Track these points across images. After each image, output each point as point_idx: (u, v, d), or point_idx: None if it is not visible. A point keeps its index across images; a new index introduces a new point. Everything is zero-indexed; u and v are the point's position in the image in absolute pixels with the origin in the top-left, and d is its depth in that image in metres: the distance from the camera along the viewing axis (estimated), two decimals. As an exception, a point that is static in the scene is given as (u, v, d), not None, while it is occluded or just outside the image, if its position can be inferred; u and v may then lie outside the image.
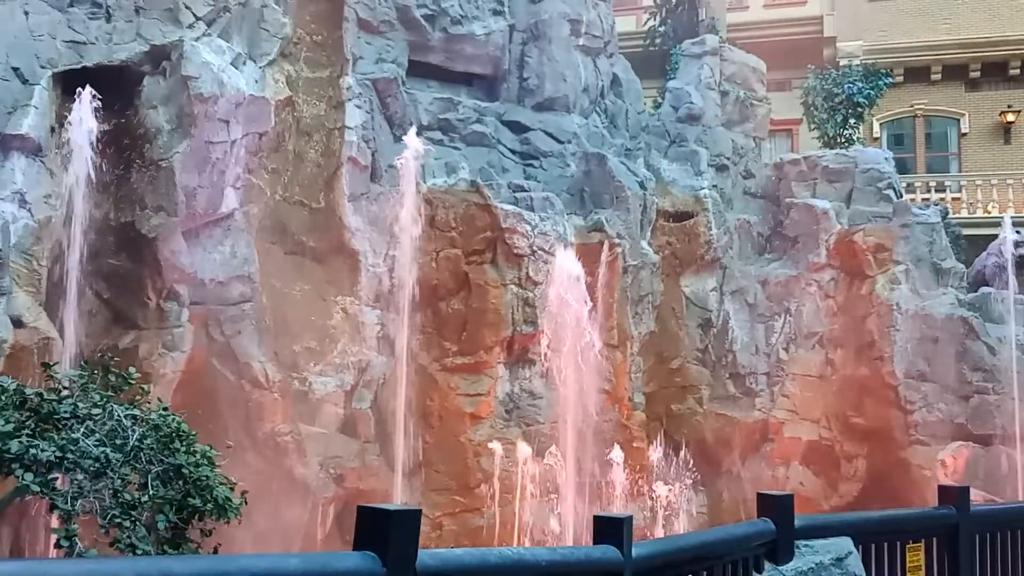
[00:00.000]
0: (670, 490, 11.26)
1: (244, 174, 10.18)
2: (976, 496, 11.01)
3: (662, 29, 17.57)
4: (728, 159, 15.30)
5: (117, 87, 9.34)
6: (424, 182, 11.69)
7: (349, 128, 11.07)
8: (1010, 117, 21.39)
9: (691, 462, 12.53)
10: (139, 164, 9.36)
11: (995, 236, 15.59)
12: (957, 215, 18.85)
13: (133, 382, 5.99)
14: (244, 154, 10.12)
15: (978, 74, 21.64)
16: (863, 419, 13.64)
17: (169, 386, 9.03)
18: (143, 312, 9.30)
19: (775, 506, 5.35)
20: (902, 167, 20.08)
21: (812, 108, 17.76)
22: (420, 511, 3.15)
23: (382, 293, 11.02)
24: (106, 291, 9.27)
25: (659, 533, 10.88)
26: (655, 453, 11.91)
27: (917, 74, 21.46)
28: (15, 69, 8.94)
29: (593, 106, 14.11)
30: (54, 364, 6.05)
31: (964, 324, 13.79)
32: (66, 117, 8.90)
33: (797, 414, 13.81)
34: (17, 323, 8.30)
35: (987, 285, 15.04)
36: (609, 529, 4.05)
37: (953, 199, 19.60)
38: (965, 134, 21.66)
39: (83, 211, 8.77)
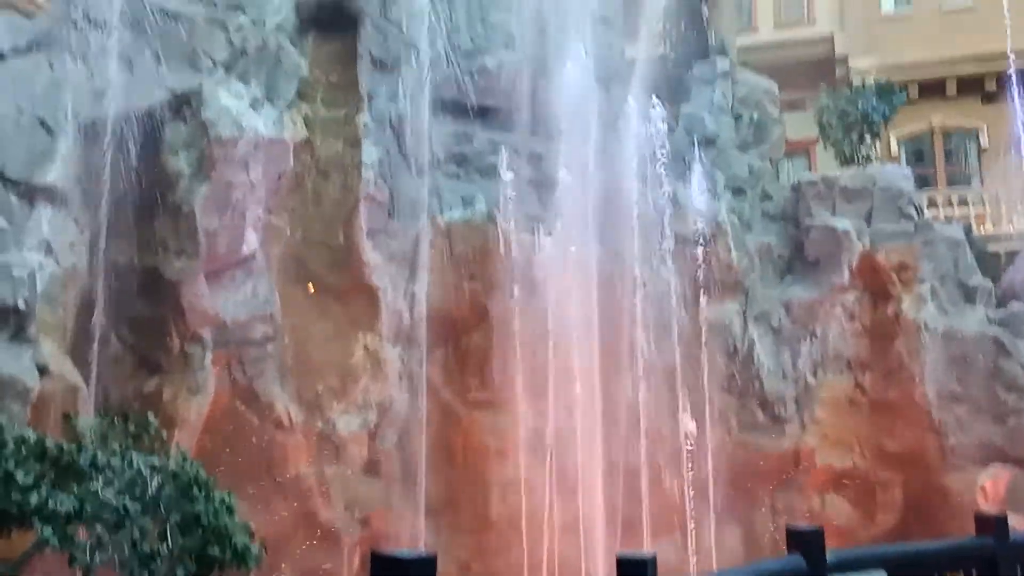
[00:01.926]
0: (701, 524, 11.08)
1: (264, 215, 10.27)
2: (1020, 522, 10.73)
3: (673, 55, 17.63)
4: (745, 182, 15.23)
5: (140, 134, 9.47)
6: (441, 215, 11.73)
7: (366, 165, 11.15)
8: (1030, 124, 21.17)
9: (722, 494, 12.33)
10: (161, 209, 9.46)
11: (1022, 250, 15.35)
12: (982, 230, 18.62)
13: (152, 430, 6.01)
14: (264, 195, 10.22)
15: (994, 87, 21.49)
16: (897, 444, 13.36)
17: (194, 431, 9.05)
18: (167, 356, 9.34)
19: (805, 540, 5.24)
20: (923, 182, 19.91)
21: (827, 127, 17.64)
22: (435, 558, 3.09)
23: (403, 329, 11.02)
24: (130, 337, 9.33)
25: (691, 570, 10.70)
26: (685, 486, 11.74)
27: (932, 89, 21.35)
28: (40, 120, 9.09)
29: (607, 133, 14.11)
30: (75, 414, 6.09)
31: (995, 342, 13.54)
32: (91, 166, 9.02)
33: (828, 441, 13.52)
34: (43, 371, 8.34)
35: (1017, 301, 14.78)
36: (634, 570, 3.96)
37: (976, 214, 19.38)
38: (985, 148, 21.49)
39: (107, 258, 8.87)
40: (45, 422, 7.87)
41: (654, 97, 13.88)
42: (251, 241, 9.99)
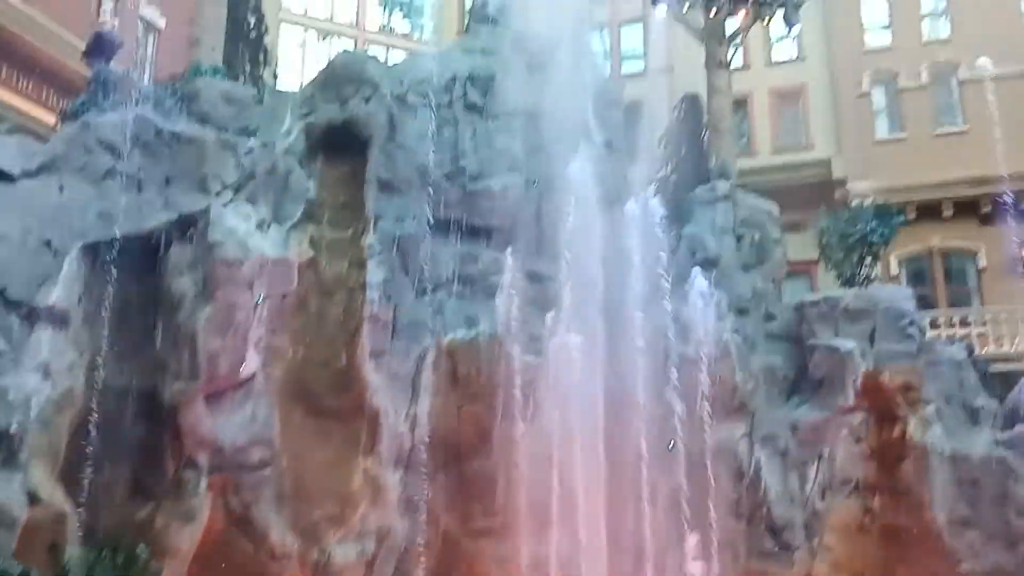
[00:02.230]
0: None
1: (266, 335, 10.19)
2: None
3: (675, 177, 18.00)
4: (748, 302, 15.22)
5: (144, 255, 9.48)
6: (445, 336, 11.65)
7: (370, 285, 11.14)
8: (1025, 252, 21.36)
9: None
10: (163, 330, 9.38)
11: (1026, 371, 15.27)
12: (984, 351, 18.57)
13: (141, 562, 5.78)
14: (267, 316, 10.17)
15: (990, 209, 21.77)
16: (909, 571, 12.91)
17: (185, 560, 8.72)
18: (160, 482, 9.09)
19: None
20: (924, 303, 19.98)
21: (828, 249, 17.82)
22: None
23: (403, 453, 10.77)
24: (124, 462, 9.10)
25: None
26: (694, 620, 11.28)
27: (930, 211, 21.66)
28: (47, 242, 9.11)
29: (610, 254, 14.18)
30: (64, 543, 5.87)
31: (1003, 466, 13.28)
32: (93, 287, 8.99)
33: (839, 569, 13.08)
34: (32, 498, 8.09)
35: (1023, 423, 14.59)
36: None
37: (978, 335, 19.37)
38: (983, 269, 21.63)
39: (105, 380, 8.73)
40: (33, 550, 7.59)
41: (658, 218, 14.02)
42: (252, 362, 9.88)
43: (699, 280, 14.48)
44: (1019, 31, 22.11)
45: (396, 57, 20.39)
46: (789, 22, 18.11)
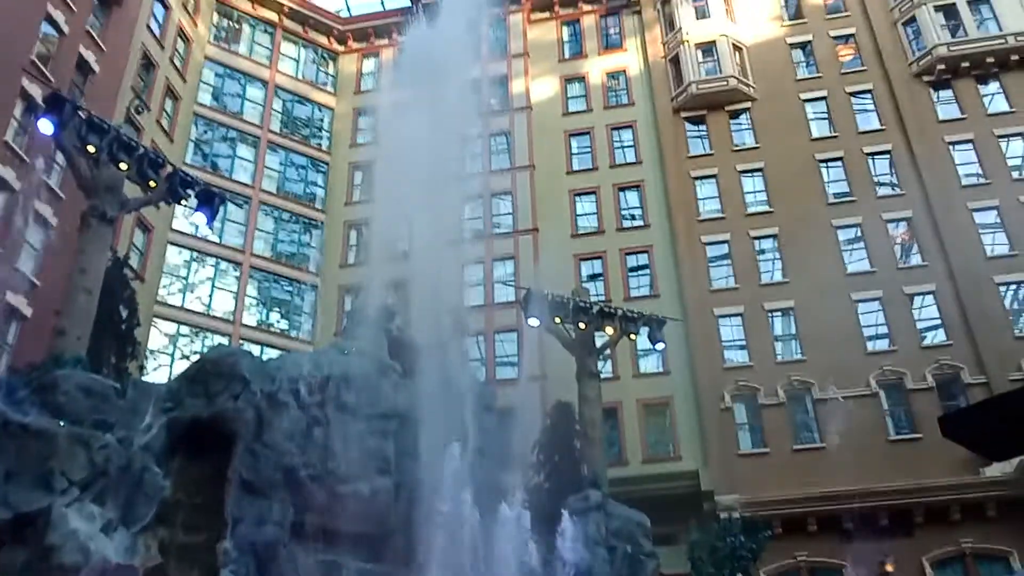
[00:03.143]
0: None
1: (92, 656, 8.98)
2: None
3: (547, 485, 17.88)
4: (622, 620, 14.65)
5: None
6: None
7: (220, 598, 10.19)
8: (888, 568, 21.60)
9: None
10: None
11: None
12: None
13: None
14: (97, 632, 9.03)
15: (851, 525, 22.11)
16: None
17: None
18: None
19: None
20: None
21: (698, 563, 17.64)
22: None
23: None
24: None
25: None
26: None
27: (795, 525, 21.86)
28: None
29: (482, 564, 13.61)
30: None
31: None
32: None
33: None
34: None
35: None
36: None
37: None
38: (848, 585, 21.60)
39: None
40: None
41: (530, 527, 13.68)
42: None
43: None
44: (860, 356, 23.96)
45: (272, 354, 20.26)
46: (653, 340, 19.18)
